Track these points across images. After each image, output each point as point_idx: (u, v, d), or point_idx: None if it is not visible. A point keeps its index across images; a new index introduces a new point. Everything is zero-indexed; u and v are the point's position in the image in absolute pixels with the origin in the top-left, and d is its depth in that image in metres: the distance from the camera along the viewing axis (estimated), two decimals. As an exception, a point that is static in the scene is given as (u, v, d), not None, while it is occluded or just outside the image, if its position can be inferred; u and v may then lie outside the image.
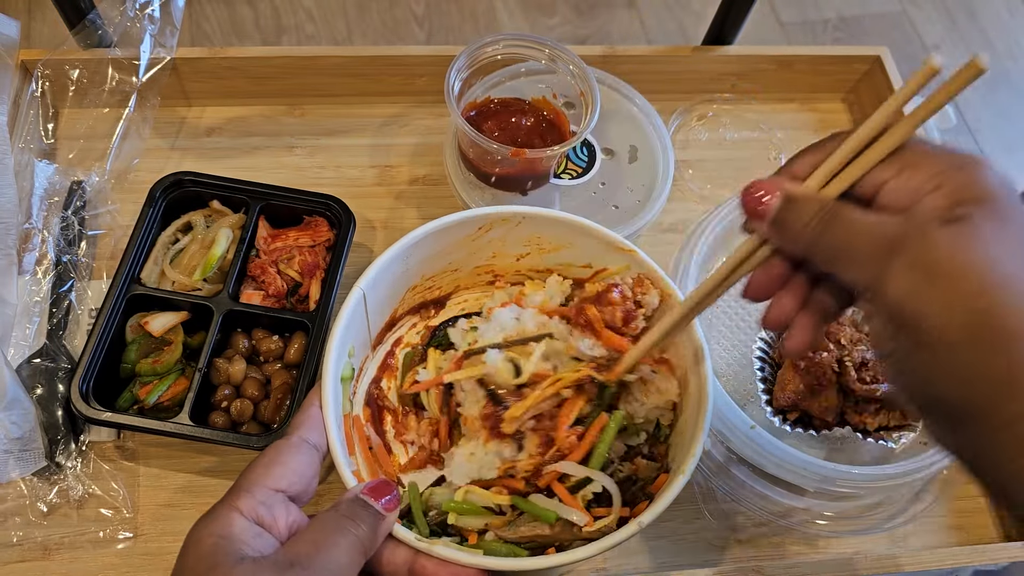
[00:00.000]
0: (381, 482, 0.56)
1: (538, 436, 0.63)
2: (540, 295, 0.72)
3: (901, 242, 0.42)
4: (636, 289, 0.68)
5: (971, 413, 0.41)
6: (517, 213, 0.71)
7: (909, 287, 0.41)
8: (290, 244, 0.83)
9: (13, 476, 0.73)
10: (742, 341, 0.85)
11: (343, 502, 0.54)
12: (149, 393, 0.74)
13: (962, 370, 0.41)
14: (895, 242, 0.42)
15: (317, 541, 0.50)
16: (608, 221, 0.81)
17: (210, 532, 0.49)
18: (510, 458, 0.63)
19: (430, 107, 1.03)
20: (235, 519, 0.49)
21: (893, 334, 0.43)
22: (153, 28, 0.92)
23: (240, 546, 0.48)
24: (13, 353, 0.78)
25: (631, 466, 0.65)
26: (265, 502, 0.52)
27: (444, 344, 0.74)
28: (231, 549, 0.47)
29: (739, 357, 0.84)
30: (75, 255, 0.84)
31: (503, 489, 0.63)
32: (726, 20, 1.02)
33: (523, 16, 1.87)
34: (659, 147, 0.93)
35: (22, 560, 0.72)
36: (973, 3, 2.13)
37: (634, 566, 0.77)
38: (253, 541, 0.49)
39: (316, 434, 0.58)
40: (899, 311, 0.42)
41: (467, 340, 0.69)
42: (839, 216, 0.45)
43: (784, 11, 2.04)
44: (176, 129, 0.99)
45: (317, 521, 0.52)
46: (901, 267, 0.42)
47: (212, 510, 0.51)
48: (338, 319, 0.65)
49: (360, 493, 0.55)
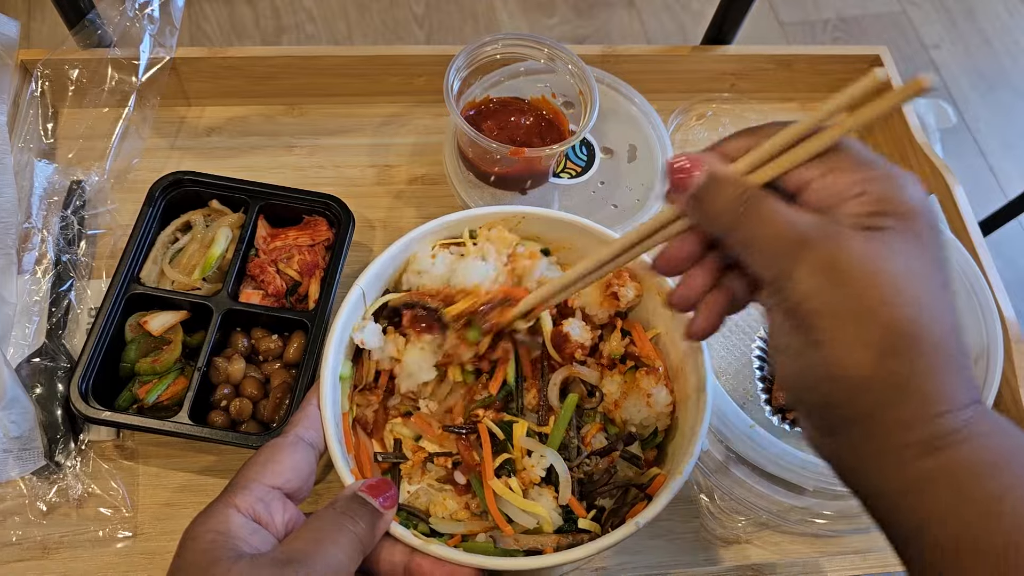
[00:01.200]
0: (380, 480, 0.56)
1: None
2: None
3: (814, 241, 0.42)
4: (613, 280, 0.68)
5: (854, 417, 0.42)
6: (516, 212, 0.71)
7: (814, 286, 0.42)
8: (289, 243, 0.83)
9: (12, 475, 0.73)
10: (741, 340, 0.85)
11: (341, 499, 0.54)
12: (148, 392, 0.74)
13: (854, 372, 0.41)
14: (808, 240, 0.42)
15: (315, 538, 0.50)
16: (607, 220, 0.81)
17: (207, 529, 0.48)
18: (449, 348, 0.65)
19: (429, 107, 1.03)
20: (232, 516, 0.49)
21: (789, 331, 0.43)
22: (153, 28, 0.92)
23: (237, 543, 0.48)
24: (12, 352, 0.78)
25: (607, 460, 0.64)
26: (262, 499, 0.51)
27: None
28: (229, 546, 0.47)
29: (739, 356, 0.84)
30: (75, 254, 0.85)
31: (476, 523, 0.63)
32: (725, 20, 1.02)
33: (523, 16, 1.87)
34: (658, 146, 0.93)
35: (21, 559, 0.72)
36: (973, 3, 2.13)
37: (633, 566, 0.77)
38: (250, 538, 0.49)
39: (313, 432, 0.58)
40: (800, 308, 0.42)
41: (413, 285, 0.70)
42: (758, 204, 0.45)
43: (784, 11, 2.04)
44: (176, 129, 0.99)
45: (315, 518, 0.52)
46: (809, 266, 0.42)
47: (209, 507, 0.50)
48: (337, 317, 0.65)
49: (358, 490, 0.54)
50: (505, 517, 0.61)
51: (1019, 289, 1.63)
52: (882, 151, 1.04)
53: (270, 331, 0.80)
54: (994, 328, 0.83)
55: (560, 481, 0.62)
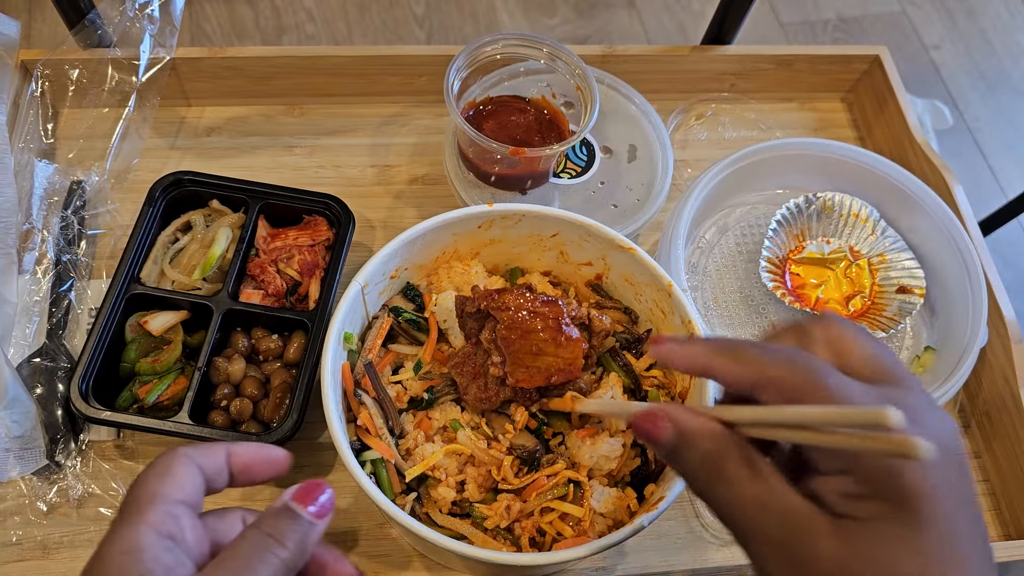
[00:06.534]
0: (311, 484, 0.50)
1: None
2: None
3: (781, 537, 0.38)
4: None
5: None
6: (517, 211, 0.71)
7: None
8: (289, 243, 0.83)
9: (13, 475, 0.73)
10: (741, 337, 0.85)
11: (268, 516, 0.49)
12: (149, 392, 0.74)
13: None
14: (771, 537, 0.39)
15: (237, 568, 0.45)
16: (607, 220, 0.81)
17: (117, 549, 0.44)
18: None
19: (429, 107, 1.03)
20: (144, 533, 0.45)
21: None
22: (153, 28, 0.92)
23: (150, 564, 0.44)
24: (13, 352, 0.78)
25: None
26: (172, 513, 0.47)
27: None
28: (140, 568, 0.43)
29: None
30: (75, 254, 0.85)
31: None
32: (725, 20, 1.02)
33: (523, 16, 1.87)
34: (658, 146, 0.93)
35: (22, 559, 0.72)
36: (973, 3, 2.13)
37: (632, 565, 0.77)
38: (164, 556, 0.45)
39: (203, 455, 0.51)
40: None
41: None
42: (725, 475, 0.41)
43: (784, 11, 2.04)
44: (176, 129, 0.99)
45: (239, 542, 0.47)
46: (778, 561, 0.39)
47: (115, 527, 0.46)
48: (337, 313, 0.65)
49: (288, 500, 0.49)
50: None
51: (1019, 289, 1.63)
52: (882, 151, 1.04)
53: (270, 331, 0.80)
54: (977, 279, 0.85)
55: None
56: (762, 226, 0.95)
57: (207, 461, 0.51)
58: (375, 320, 0.73)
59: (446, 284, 0.75)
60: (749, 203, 0.97)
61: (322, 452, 0.79)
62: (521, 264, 0.79)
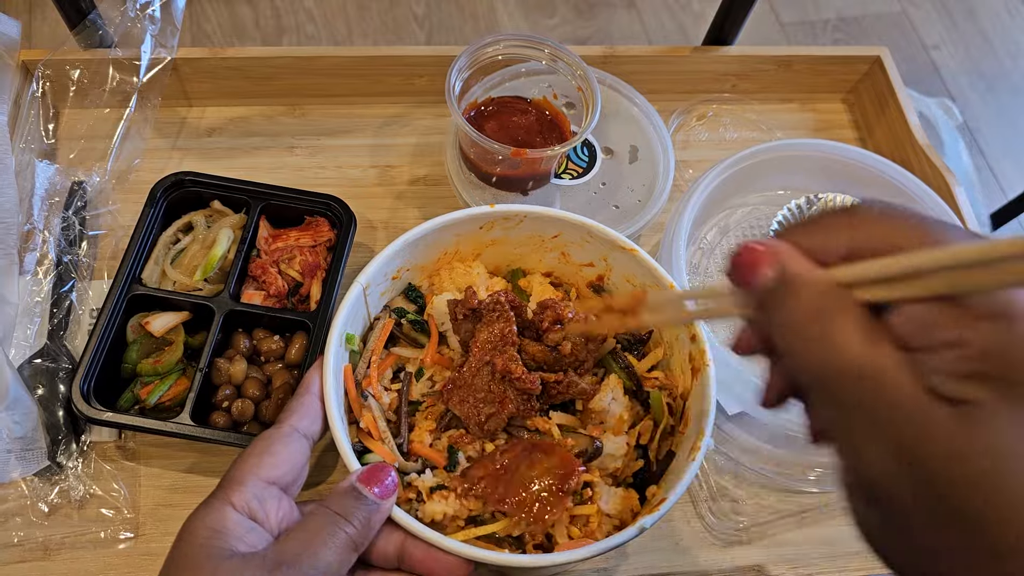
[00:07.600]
0: (376, 467, 0.55)
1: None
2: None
3: (901, 413, 0.32)
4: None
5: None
6: (518, 212, 0.72)
7: (891, 473, 0.33)
8: (291, 244, 0.83)
9: (15, 476, 0.73)
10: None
11: (335, 495, 0.53)
12: (150, 393, 0.74)
13: (936, 558, 0.33)
14: (892, 408, 0.33)
15: (306, 540, 0.50)
16: (609, 221, 0.81)
17: (204, 525, 0.49)
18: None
19: (430, 107, 1.03)
20: (228, 513, 0.50)
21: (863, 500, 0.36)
22: (154, 28, 0.92)
23: (232, 541, 0.48)
24: (14, 353, 0.78)
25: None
26: (258, 495, 0.52)
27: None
28: (223, 544, 0.48)
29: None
30: (76, 255, 0.84)
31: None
32: (726, 20, 1.02)
33: (523, 16, 1.87)
34: (659, 147, 0.93)
35: (23, 560, 0.72)
36: (973, 3, 2.13)
37: (635, 566, 0.77)
38: (246, 536, 0.49)
39: (307, 422, 0.58)
40: (876, 490, 0.34)
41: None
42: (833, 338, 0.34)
43: (784, 11, 2.04)
44: (177, 129, 0.99)
45: (309, 517, 0.52)
46: (882, 447, 0.33)
47: (207, 502, 0.51)
48: (338, 314, 0.65)
49: (355, 481, 0.54)
50: None
51: (1019, 289, 1.63)
52: (883, 152, 1.04)
53: (272, 332, 0.80)
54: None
55: None
56: (764, 227, 0.95)
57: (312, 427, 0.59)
58: (377, 321, 0.73)
59: (448, 285, 0.75)
60: (750, 204, 0.97)
61: (323, 453, 0.79)
62: (523, 265, 0.79)
